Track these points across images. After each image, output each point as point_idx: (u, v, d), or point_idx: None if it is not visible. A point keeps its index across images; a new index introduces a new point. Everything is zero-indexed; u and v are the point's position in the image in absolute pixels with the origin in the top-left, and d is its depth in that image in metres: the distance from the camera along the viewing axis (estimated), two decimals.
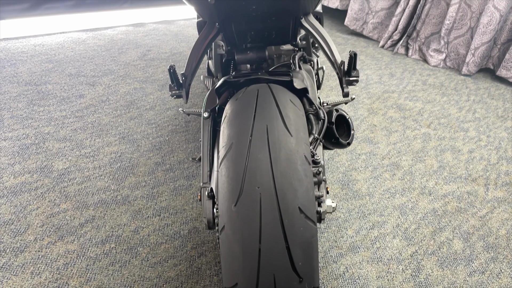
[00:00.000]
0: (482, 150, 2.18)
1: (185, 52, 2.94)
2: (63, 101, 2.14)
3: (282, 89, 1.06)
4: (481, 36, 2.92)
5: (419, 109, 2.53)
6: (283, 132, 0.90)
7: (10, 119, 1.94)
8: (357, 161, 1.98)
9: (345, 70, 1.14)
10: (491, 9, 2.82)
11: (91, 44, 2.85)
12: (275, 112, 0.95)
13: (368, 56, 3.26)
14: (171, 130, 2.04)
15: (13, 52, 2.57)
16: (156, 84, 2.45)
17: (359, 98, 2.58)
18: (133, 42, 2.99)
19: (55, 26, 3.02)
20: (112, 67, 2.57)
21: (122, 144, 1.89)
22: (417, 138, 2.23)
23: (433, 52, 3.24)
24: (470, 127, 2.40)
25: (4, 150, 1.75)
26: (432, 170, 1.97)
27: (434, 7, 3.20)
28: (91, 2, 3.21)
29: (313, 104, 1.16)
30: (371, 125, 2.30)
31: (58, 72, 2.41)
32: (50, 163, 1.72)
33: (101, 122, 2.03)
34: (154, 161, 1.81)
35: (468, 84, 2.96)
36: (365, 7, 3.54)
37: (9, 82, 2.24)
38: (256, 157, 0.86)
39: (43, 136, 1.87)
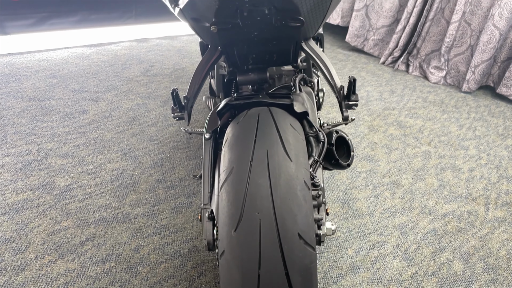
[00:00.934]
0: (483, 168, 2.19)
1: (188, 67, 2.97)
2: (66, 117, 2.16)
3: (283, 113, 1.08)
4: (481, 54, 2.94)
5: (420, 127, 2.54)
6: (283, 158, 0.91)
7: (14, 135, 1.96)
8: (357, 179, 1.99)
9: (345, 94, 1.16)
10: (491, 27, 2.86)
11: (95, 59, 2.89)
12: (275, 137, 0.96)
13: (369, 73, 3.29)
14: (172, 147, 2.06)
15: (18, 67, 2.60)
16: (159, 100, 2.47)
17: (359, 115, 2.60)
18: (137, 57, 3.03)
19: (59, 41, 3.06)
20: (115, 82, 2.60)
21: (124, 161, 1.90)
22: (418, 156, 2.24)
23: (433, 69, 3.27)
24: (470, 145, 2.41)
25: (7, 166, 1.77)
26: (433, 189, 1.98)
27: (434, 25, 3.23)
28: (95, 17, 3.26)
29: (313, 126, 1.17)
30: (371, 143, 2.31)
31: (62, 87, 2.44)
32: (52, 179, 1.73)
33: (104, 138, 2.04)
34: (155, 178, 1.82)
35: (469, 102, 2.98)
36: (366, 24, 3.58)
37: (13, 97, 2.26)
38: (256, 183, 0.87)
39: (46, 152, 1.88)
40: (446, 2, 3.12)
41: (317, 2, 0.97)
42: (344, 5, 3.72)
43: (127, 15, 3.43)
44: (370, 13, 3.52)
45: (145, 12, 3.50)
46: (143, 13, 3.49)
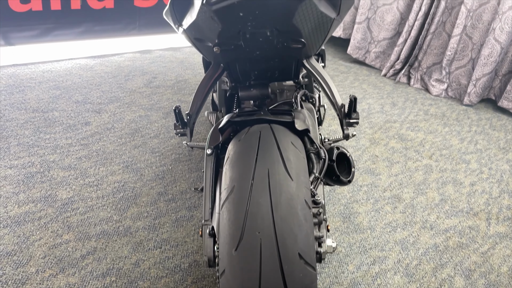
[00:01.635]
0: (484, 183, 2.19)
1: (190, 79, 3.00)
2: (69, 129, 2.18)
3: (284, 131, 1.09)
4: (482, 67, 2.96)
5: (421, 140, 2.55)
6: (284, 176, 0.92)
7: (17, 147, 1.97)
8: (358, 193, 1.99)
9: (346, 112, 1.17)
10: (492, 41, 2.87)
11: (99, 70, 2.91)
12: (276, 155, 0.97)
13: (370, 85, 3.30)
14: (174, 159, 2.07)
15: (22, 78, 2.63)
16: (161, 112, 2.49)
17: (361, 128, 2.61)
18: (140, 69, 3.05)
19: (64, 52, 3.09)
20: (118, 94, 2.62)
21: (126, 173, 1.91)
22: (419, 169, 2.24)
23: (434, 81, 3.28)
24: (471, 159, 2.41)
25: (10, 178, 1.78)
26: (434, 203, 1.98)
27: (435, 38, 3.25)
28: (99, 29, 3.29)
29: (314, 143, 1.18)
30: (372, 156, 2.31)
31: (65, 99, 2.46)
32: (54, 192, 1.74)
33: (106, 150, 2.05)
34: (157, 191, 1.83)
35: (470, 115, 2.99)
36: (367, 37, 3.60)
37: (17, 108, 2.28)
38: (257, 202, 0.87)
39: (48, 164, 1.89)
40: (447, 15, 3.15)
41: (319, 24, 0.98)
42: (346, 17, 3.75)
43: (131, 27, 3.46)
44: (371, 26, 3.54)
45: (148, 23, 3.53)
46: (146, 25, 3.53)
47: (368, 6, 3.46)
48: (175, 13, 1.03)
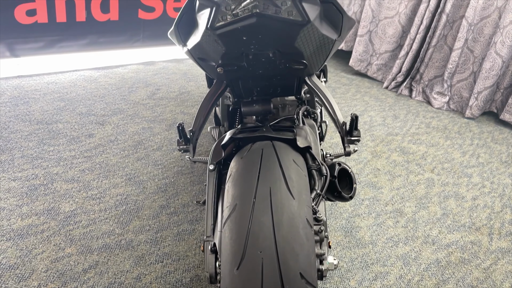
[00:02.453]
0: (486, 197, 2.19)
1: (193, 91, 3.02)
2: (73, 141, 2.19)
3: (286, 148, 1.10)
4: (484, 81, 2.97)
5: (423, 153, 2.55)
6: (285, 195, 0.93)
7: (21, 159, 1.99)
8: (360, 207, 1.99)
9: (347, 130, 1.18)
10: (493, 55, 2.89)
11: (103, 82, 2.94)
12: (278, 173, 0.97)
13: (372, 97, 3.32)
14: (176, 172, 2.08)
15: (27, 90, 2.65)
16: (164, 124, 2.50)
17: (363, 141, 2.62)
18: (143, 80, 3.08)
19: (68, 64, 3.12)
20: (122, 106, 2.64)
21: (128, 186, 1.92)
22: (421, 183, 2.24)
23: (436, 94, 3.29)
24: (473, 172, 2.41)
25: (13, 190, 1.79)
26: (436, 217, 1.98)
27: (437, 51, 3.27)
28: (104, 41, 3.33)
29: (316, 160, 1.19)
30: (374, 169, 2.32)
31: (70, 110, 2.48)
32: (57, 205, 1.75)
33: (109, 162, 2.07)
34: (159, 204, 1.84)
35: (472, 128, 2.99)
36: (369, 49, 3.63)
37: (22, 120, 2.30)
38: (259, 221, 0.88)
39: (52, 176, 1.91)
40: (449, 29, 3.17)
41: (320, 46, 1.00)
42: None
43: (135, 38, 3.50)
44: (373, 39, 3.57)
45: (152, 35, 3.57)
46: (150, 37, 3.56)
47: (370, 19, 3.49)
48: (179, 34, 1.05)
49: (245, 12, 0.88)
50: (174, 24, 1.04)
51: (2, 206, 1.70)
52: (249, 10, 0.87)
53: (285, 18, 0.89)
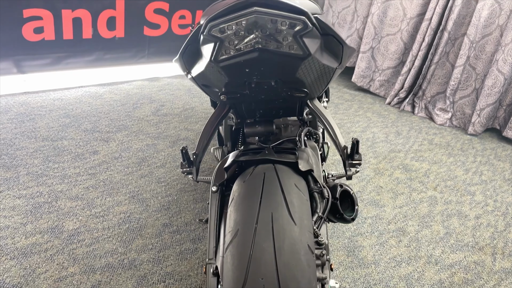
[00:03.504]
0: (489, 216, 2.18)
1: (197, 107, 3.05)
2: (78, 158, 2.22)
3: (288, 172, 1.11)
4: (486, 98, 2.98)
5: (426, 170, 2.56)
6: (287, 221, 0.94)
7: (26, 176, 2.01)
8: (363, 226, 1.99)
9: (348, 154, 1.19)
10: (495, 72, 2.91)
11: (108, 98, 2.98)
12: (280, 198, 0.98)
13: (374, 113, 3.33)
14: (179, 189, 2.09)
15: (33, 106, 2.69)
16: (168, 141, 2.52)
17: (365, 158, 2.62)
18: (148, 96, 3.11)
19: (74, 80, 3.16)
20: (127, 122, 2.67)
21: (132, 204, 1.94)
22: (424, 201, 2.24)
23: (439, 111, 3.31)
24: (476, 190, 2.40)
25: (18, 208, 1.81)
26: (439, 237, 1.97)
27: (439, 68, 3.30)
28: (109, 57, 3.38)
29: (318, 182, 1.19)
30: (377, 187, 2.32)
31: (75, 127, 2.51)
32: (61, 223, 1.76)
33: (113, 180, 2.08)
34: (162, 222, 1.84)
35: (475, 144, 2.99)
36: (371, 66, 3.65)
37: (27, 137, 2.33)
38: (260, 247, 0.89)
39: (56, 194, 1.92)
40: (451, 46, 3.19)
41: (321, 74, 1.02)
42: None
43: (140, 55, 3.55)
44: (376, 55, 3.60)
45: (157, 51, 3.62)
46: (155, 53, 3.62)
47: (372, 36, 3.53)
48: (184, 62, 1.08)
49: (247, 47, 0.90)
50: (179, 54, 1.07)
51: (7, 224, 1.71)
52: (251, 45, 0.90)
53: (287, 52, 0.92)
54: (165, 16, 3.50)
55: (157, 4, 3.40)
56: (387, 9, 3.40)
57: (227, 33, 0.90)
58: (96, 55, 3.30)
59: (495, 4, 2.85)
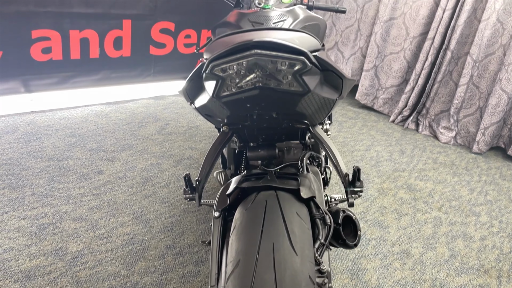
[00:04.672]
0: (495, 237, 2.16)
1: (202, 126, 3.07)
2: (83, 178, 2.23)
3: (290, 199, 1.11)
4: (490, 117, 2.98)
5: (430, 190, 2.55)
6: (288, 251, 0.94)
7: (31, 197, 2.03)
8: (367, 248, 1.98)
9: (350, 181, 1.20)
10: (499, 91, 2.91)
11: (113, 117, 3.01)
12: (281, 228, 0.99)
13: (378, 131, 3.34)
14: (183, 210, 2.09)
15: (40, 126, 2.72)
16: (172, 160, 2.54)
17: (369, 177, 2.62)
18: (153, 115, 3.14)
19: (80, 99, 3.21)
20: (131, 141, 2.69)
21: (135, 225, 1.94)
22: (428, 222, 2.22)
23: (443, 129, 3.30)
24: (482, 211, 2.39)
25: (23, 230, 1.82)
26: (444, 259, 1.95)
27: (442, 86, 3.31)
28: (116, 76, 3.42)
29: (320, 208, 1.20)
30: (381, 207, 2.31)
31: (80, 146, 2.54)
32: (65, 244, 1.77)
33: (117, 200, 2.10)
34: (165, 244, 1.85)
35: (479, 163, 2.98)
36: (375, 84, 3.67)
37: (33, 157, 2.36)
38: (261, 278, 0.89)
39: (61, 215, 1.94)
40: (454, 65, 3.21)
41: (321, 106, 1.03)
42: (354, 64, 3.84)
43: (146, 73, 3.60)
44: (379, 73, 3.62)
45: (163, 70, 3.67)
46: (161, 71, 3.66)
47: (376, 54, 3.55)
48: (188, 94, 1.10)
49: (248, 85, 0.92)
50: (183, 86, 1.09)
51: (11, 246, 1.72)
52: (252, 83, 0.92)
53: (287, 89, 0.94)
54: (171, 36, 3.56)
55: (163, 24, 3.45)
56: (390, 28, 3.43)
57: (228, 72, 0.93)
58: (103, 74, 3.35)
59: (498, 24, 2.87)
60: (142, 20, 3.34)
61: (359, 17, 3.72)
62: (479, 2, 2.96)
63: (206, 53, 1.04)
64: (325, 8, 1.93)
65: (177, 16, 3.50)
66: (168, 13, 3.44)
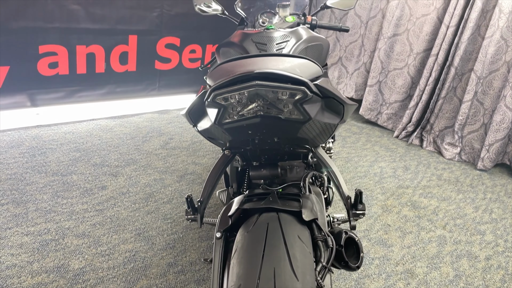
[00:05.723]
0: (500, 257, 2.13)
1: (205, 140, 3.07)
2: (86, 193, 2.24)
3: (291, 222, 1.11)
4: (494, 133, 2.97)
5: (434, 208, 2.53)
6: (289, 277, 0.93)
7: (34, 212, 2.04)
8: (370, 267, 1.96)
9: (352, 203, 1.19)
10: (503, 108, 2.90)
11: (118, 131, 3.03)
12: (283, 252, 0.98)
13: (382, 147, 3.33)
14: (185, 226, 2.09)
15: (45, 140, 2.75)
16: (175, 175, 2.55)
17: (373, 194, 2.61)
18: (157, 129, 3.16)
19: (86, 113, 3.23)
20: (135, 156, 2.71)
21: (138, 242, 1.94)
22: (432, 241, 2.20)
23: (447, 145, 3.29)
24: (487, 229, 2.36)
25: (26, 246, 1.82)
26: (448, 279, 1.93)
27: (447, 102, 3.30)
28: (121, 90, 3.46)
29: (322, 230, 1.19)
30: (385, 225, 2.30)
31: (84, 161, 2.55)
32: (67, 261, 1.77)
33: (120, 216, 2.10)
34: (167, 262, 1.84)
35: (484, 180, 2.96)
36: (379, 99, 3.68)
37: (38, 172, 2.37)
38: None
39: (63, 231, 1.94)
40: (458, 81, 3.21)
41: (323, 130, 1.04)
42: (357, 79, 3.85)
43: (151, 88, 3.63)
44: (383, 89, 3.63)
45: (168, 84, 3.70)
46: (166, 86, 3.70)
47: (379, 70, 3.56)
48: (190, 118, 1.11)
49: (249, 113, 0.93)
50: (186, 110, 1.10)
51: (14, 263, 1.73)
52: (253, 112, 0.92)
53: (288, 117, 0.95)
54: (176, 51, 3.59)
55: (169, 39, 3.49)
56: (393, 44, 3.45)
57: (230, 101, 0.94)
58: (108, 88, 3.39)
59: (502, 41, 2.87)
60: (148, 36, 3.39)
61: (363, 33, 3.75)
62: (482, 19, 2.97)
63: (209, 78, 1.05)
64: (328, 27, 1.95)
65: (182, 31, 3.54)
66: (174, 28, 3.48)
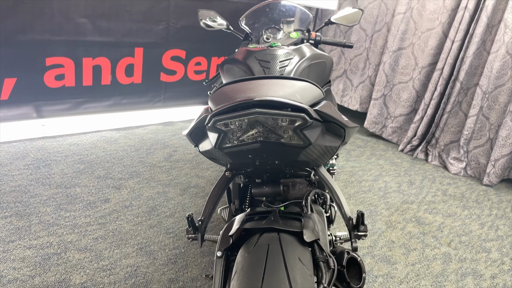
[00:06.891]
0: (506, 275, 2.10)
1: None
2: (89, 206, 2.25)
3: (292, 243, 1.10)
4: (500, 149, 2.94)
5: (439, 224, 2.50)
6: None
7: (37, 225, 2.04)
8: (373, 285, 1.93)
9: (354, 224, 1.18)
10: (509, 123, 2.88)
11: (122, 143, 3.04)
12: (283, 276, 0.97)
13: (387, 161, 3.31)
14: (187, 241, 2.08)
15: (50, 152, 2.76)
16: (178, 188, 2.54)
17: (377, 209, 2.59)
18: (161, 141, 3.17)
19: (91, 124, 3.25)
20: (139, 168, 2.71)
21: (139, 256, 1.93)
22: (437, 258, 2.17)
23: (453, 160, 3.27)
24: (492, 247, 2.33)
25: (28, 260, 1.82)
26: None
27: (452, 116, 3.29)
28: (126, 102, 3.48)
29: (324, 251, 1.18)
30: (389, 241, 2.27)
31: (88, 174, 2.56)
32: (69, 276, 1.76)
33: (122, 230, 2.10)
34: (168, 277, 1.83)
35: (490, 196, 2.93)
36: (384, 112, 3.67)
37: (42, 184, 2.38)
38: None
39: (66, 245, 1.94)
40: (463, 96, 3.20)
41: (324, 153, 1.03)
42: (362, 92, 3.85)
43: (156, 99, 3.65)
44: (388, 102, 3.62)
45: (173, 96, 3.72)
46: (171, 98, 3.72)
47: (384, 83, 3.56)
48: (192, 139, 1.12)
49: (249, 139, 0.93)
50: (187, 132, 1.11)
51: (15, 277, 1.72)
52: (253, 137, 0.93)
53: (287, 143, 0.95)
54: (181, 63, 3.62)
55: (174, 51, 3.52)
56: (398, 58, 3.45)
57: (230, 127, 0.95)
58: (114, 100, 3.41)
59: (507, 56, 2.86)
60: (154, 48, 3.41)
61: (368, 46, 3.75)
62: (488, 34, 2.97)
63: (210, 101, 1.06)
64: (332, 43, 1.95)
65: (188, 44, 3.57)
66: (179, 41, 3.51)
